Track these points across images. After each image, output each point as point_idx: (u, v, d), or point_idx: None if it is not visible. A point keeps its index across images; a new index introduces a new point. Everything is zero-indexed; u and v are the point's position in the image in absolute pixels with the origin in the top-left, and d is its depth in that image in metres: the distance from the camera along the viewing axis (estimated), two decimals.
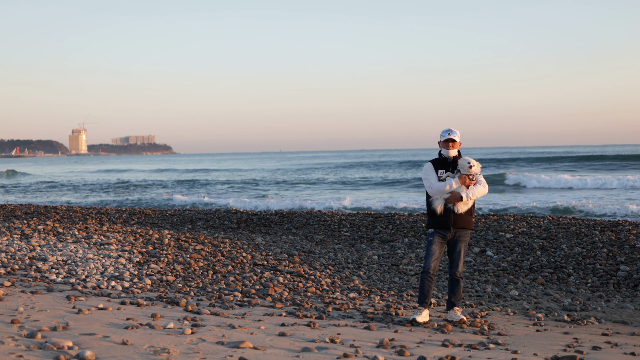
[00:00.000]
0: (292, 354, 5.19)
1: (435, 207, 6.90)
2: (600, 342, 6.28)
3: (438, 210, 6.87)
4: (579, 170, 47.37)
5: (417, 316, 6.82)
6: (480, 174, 6.94)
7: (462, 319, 6.91)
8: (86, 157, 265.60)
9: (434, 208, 6.90)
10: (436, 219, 6.91)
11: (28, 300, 6.71)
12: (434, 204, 6.90)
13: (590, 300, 8.59)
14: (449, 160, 6.97)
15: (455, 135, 6.93)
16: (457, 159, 6.96)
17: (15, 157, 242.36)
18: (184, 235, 12.52)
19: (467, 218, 6.93)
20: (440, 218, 6.89)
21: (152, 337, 5.38)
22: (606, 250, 10.99)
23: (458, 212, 6.86)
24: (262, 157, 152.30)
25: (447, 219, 6.87)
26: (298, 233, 14.07)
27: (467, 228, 6.96)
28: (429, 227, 7.00)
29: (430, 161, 7.07)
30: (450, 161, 6.97)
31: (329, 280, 9.07)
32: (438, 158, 7.06)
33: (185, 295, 7.63)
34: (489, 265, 10.58)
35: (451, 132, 6.94)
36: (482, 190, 6.92)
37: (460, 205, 6.85)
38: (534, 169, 50.46)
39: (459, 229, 6.93)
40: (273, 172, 64.05)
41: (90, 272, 8.63)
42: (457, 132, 6.98)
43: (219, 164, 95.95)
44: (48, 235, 11.75)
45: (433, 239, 6.93)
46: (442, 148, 6.99)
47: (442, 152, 7.01)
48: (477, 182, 6.89)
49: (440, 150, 7.05)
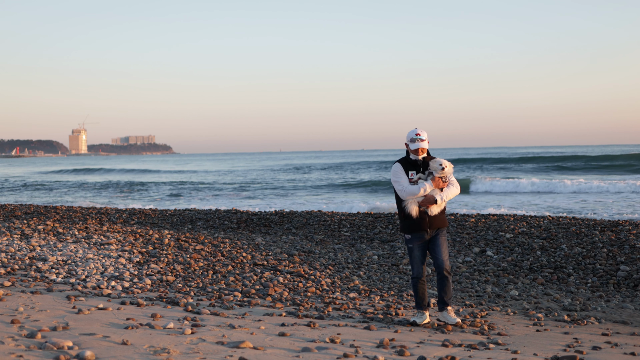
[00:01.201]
0: (292, 354, 5.19)
1: (410, 211, 6.70)
2: (600, 342, 6.28)
3: (414, 214, 6.69)
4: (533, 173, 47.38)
5: (417, 319, 6.75)
6: (452, 175, 6.79)
7: (458, 321, 6.71)
8: (86, 157, 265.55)
9: (409, 212, 6.70)
10: (411, 222, 6.72)
11: (28, 300, 6.71)
12: (408, 207, 6.71)
13: (590, 300, 8.59)
14: (419, 161, 6.77)
15: (424, 139, 6.70)
16: (427, 160, 6.76)
17: (15, 157, 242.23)
18: (184, 235, 12.52)
19: (441, 217, 6.79)
20: (415, 221, 6.71)
21: (152, 337, 5.38)
22: (606, 250, 10.99)
23: (432, 215, 6.71)
24: (259, 158, 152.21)
25: (422, 221, 6.70)
26: (298, 233, 14.07)
27: (443, 227, 6.82)
28: (405, 231, 6.80)
29: (398, 161, 6.83)
30: (421, 162, 6.76)
31: (329, 280, 9.07)
32: (406, 158, 6.83)
33: (185, 295, 7.63)
34: (489, 265, 10.57)
35: (420, 137, 6.68)
36: (455, 192, 6.77)
37: (433, 207, 6.68)
38: (494, 171, 50.47)
39: (436, 229, 6.78)
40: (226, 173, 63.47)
41: (90, 272, 8.62)
42: (425, 133, 6.72)
43: (179, 166, 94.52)
44: (48, 235, 11.74)
45: (413, 244, 6.78)
46: (411, 153, 6.77)
47: (411, 156, 6.79)
48: (450, 183, 6.75)
49: (407, 152, 6.83)
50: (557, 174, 45.16)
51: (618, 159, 56.48)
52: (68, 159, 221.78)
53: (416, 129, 6.73)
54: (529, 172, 48.37)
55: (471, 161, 64.55)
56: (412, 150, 6.75)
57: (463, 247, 11.85)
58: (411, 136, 6.73)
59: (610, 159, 57.33)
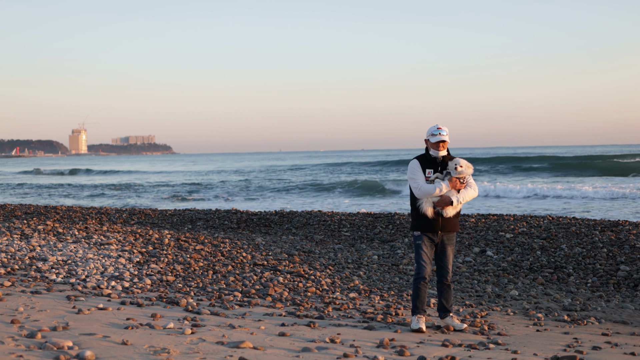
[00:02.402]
0: (292, 354, 5.19)
1: (425, 211, 6.48)
2: (600, 342, 6.28)
3: (429, 214, 6.47)
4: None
5: (421, 325, 6.48)
6: (470, 176, 6.60)
7: (465, 327, 6.57)
8: (86, 157, 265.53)
9: (424, 211, 6.48)
10: (424, 221, 6.50)
11: (28, 300, 6.71)
12: (423, 206, 6.49)
13: (590, 300, 8.59)
14: (438, 160, 6.54)
15: (446, 134, 6.47)
16: (446, 159, 6.55)
17: (15, 157, 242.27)
18: (184, 235, 12.52)
19: (455, 221, 6.59)
20: (428, 221, 6.49)
21: (152, 337, 5.38)
22: (606, 250, 10.99)
23: (447, 216, 6.50)
24: (256, 158, 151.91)
25: (435, 222, 6.49)
26: (298, 233, 14.07)
27: (454, 231, 6.63)
28: (416, 229, 6.58)
29: (416, 158, 6.61)
30: (440, 161, 6.55)
31: (329, 280, 9.07)
32: (425, 155, 6.60)
33: (185, 295, 7.63)
34: (489, 265, 10.57)
35: (442, 132, 6.47)
36: (472, 194, 6.52)
37: (449, 209, 6.46)
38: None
39: (447, 232, 6.60)
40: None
41: (90, 272, 8.62)
42: (446, 129, 6.50)
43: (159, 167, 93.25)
44: (48, 235, 11.74)
45: (422, 242, 6.54)
46: (431, 148, 6.54)
47: (431, 152, 6.55)
48: (467, 185, 6.51)
49: (427, 148, 6.61)
50: (514, 177, 43.54)
51: (584, 159, 55.02)
52: (68, 159, 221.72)
53: (437, 124, 6.53)
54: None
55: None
56: (432, 144, 6.51)
57: (463, 247, 11.85)
58: (432, 131, 6.51)
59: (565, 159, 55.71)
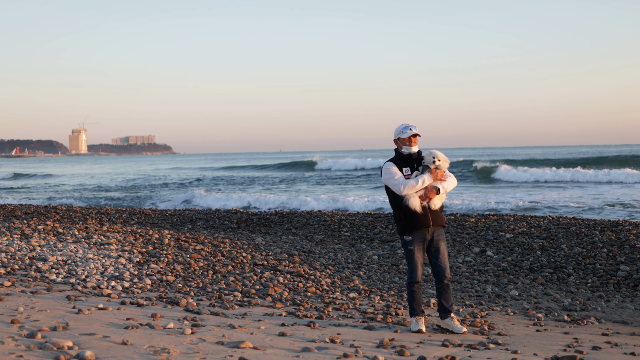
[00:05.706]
0: (292, 354, 5.20)
1: (413, 206, 6.34)
2: (600, 342, 6.28)
3: (418, 209, 6.35)
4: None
5: (420, 326, 6.45)
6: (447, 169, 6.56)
7: (465, 331, 6.49)
8: (86, 157, 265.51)
9: (413, 207, 6.35)
10: (414, 220, 6.39)
11: (28, 300, 6.72)
12: (410, 202, 6.35)
13: (590, 300, 8.59)
14: (414, 156, 6.50)
15: (416, 129, 6.47)
16: (420, 155, 6.52)
17: (15, 157, 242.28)
18: (184, 235, 12.52)
19: (441, 214, 6.56)
20: (418, 218, 6.38)
21: (152, 337, 5.38)
22: (606, 250, 10.99)
23: (434, 209, 6.42)
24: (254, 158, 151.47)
25: (425, 217, 6.39)
26: (298, 233, 14.07)
27: (442, 225, 6.57)
28: (406, 232, 6.43)
29: (389, 160, 6.56)
30: (415, 157, 6.50)
31: (329, 280, 9.07)
32: (397, 156, 6.54)
33: (185, 295, 7.63)
34: (489, 265, 10.57)
35: (412, 127, 6.46)
36: (454, 183, 6.53)
37: (436, 200, 6.39)
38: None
39: (437, 226, 6.51)
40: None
41: (90, 272, 8.62)
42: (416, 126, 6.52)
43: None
44: (48, 235, 11.74)
45: (413, 247, 6.43)
46: (403, 145, 6.49)
47: (403, 150, 6.50)
48: (447, 176, 6.51)
49: (397, 149, 6.55)
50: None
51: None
52: (68, 159, 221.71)
53: (405, 122, 6.55)
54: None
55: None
56: (404, 141, 6.49)
57: (463, 247, 11.85)
58: (401, 128, 6.51)
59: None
